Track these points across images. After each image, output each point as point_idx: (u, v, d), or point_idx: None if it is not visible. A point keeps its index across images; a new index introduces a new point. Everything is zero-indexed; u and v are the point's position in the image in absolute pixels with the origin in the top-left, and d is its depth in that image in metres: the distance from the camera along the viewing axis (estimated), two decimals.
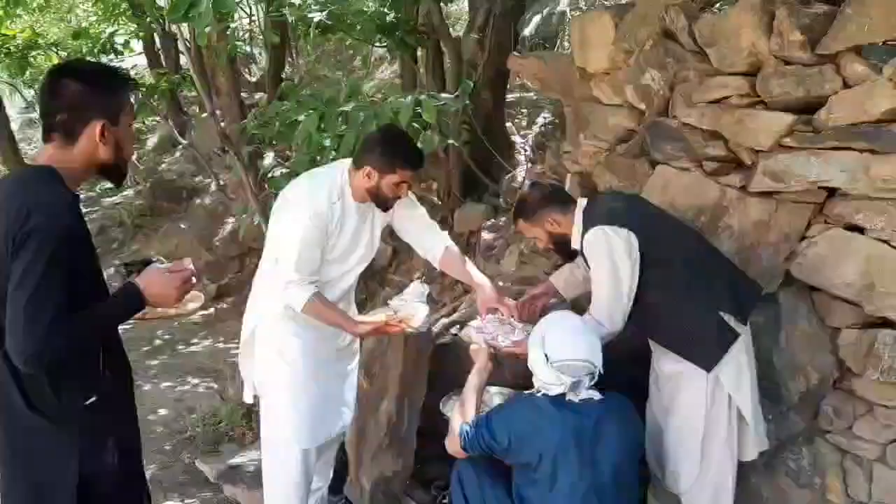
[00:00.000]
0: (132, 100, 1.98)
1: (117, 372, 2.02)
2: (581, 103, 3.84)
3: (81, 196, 10.14)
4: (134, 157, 10.28)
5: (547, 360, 2.41)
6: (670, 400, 2.76)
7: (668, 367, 2.74)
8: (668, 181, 3.23)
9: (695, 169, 3.16)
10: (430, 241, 3.06)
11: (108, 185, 2.06)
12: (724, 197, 3.04)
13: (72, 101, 1.84)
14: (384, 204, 2.80)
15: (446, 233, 3.11)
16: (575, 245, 2.75)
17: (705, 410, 2.64)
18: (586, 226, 2.64)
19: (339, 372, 3.07)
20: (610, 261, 2.58)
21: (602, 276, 2.63)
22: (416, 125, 3.93)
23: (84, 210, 9.09)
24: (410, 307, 2.80)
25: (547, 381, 2.41)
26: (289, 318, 2.79)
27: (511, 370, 3.06)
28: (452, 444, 2.53)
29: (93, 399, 1.90)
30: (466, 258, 3.11)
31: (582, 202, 2.75)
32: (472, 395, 2.59)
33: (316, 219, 2.67)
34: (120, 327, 2.03)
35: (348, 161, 2.85)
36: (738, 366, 2.63)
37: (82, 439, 1.89)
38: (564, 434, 2.31)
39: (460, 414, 2.54)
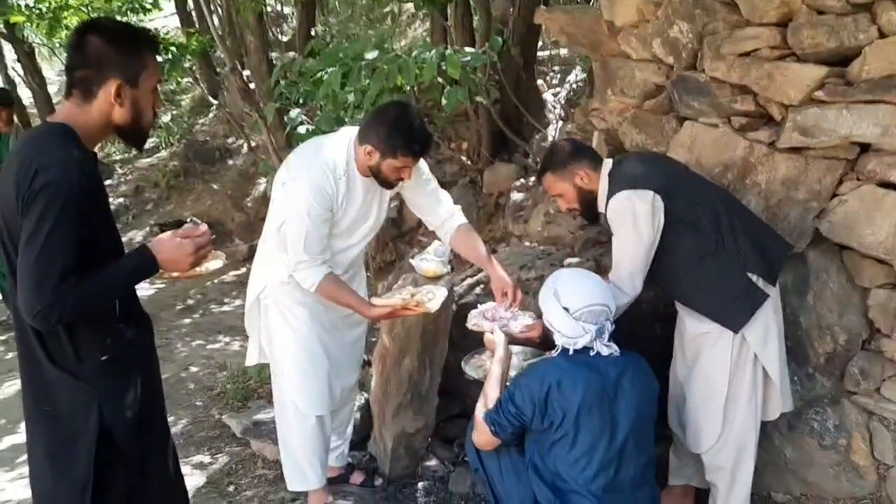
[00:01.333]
0: (157, 63, 1.93)
1: (136, 327, 2.03)
2: (609, 59, 3.74)
3: (117, 157, 10.27)
4: (168, 119, 10.37)
5: (567, 312, 2.37)
6: (694, 360, 2.73)
7: (694, 328, 2.70)
8: (695, 137, 3.15)
9: (723, 125, 3.07)
10: (441, 216, 2.94)
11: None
12: (752, 153, 2.96)
13: (92, 58, 1.82)
14: (385, 184, 2.71)
15: (458, 207, 3.00)
16: (601, 208, 2.70)
17: (730, 370, 2.62)
18: (612, 189, 2.60)
19: (348, 339, 3.06)
20: (634, 228, 2.54)
21: (625, 243, 2.59)
22: (441, 81, 3.87)
23: (119, 171, 9.20)
24: (429, 289, 2.76)
25: (571, 334, 2.37)
26: (294, 286, 2.76)
27: None
28: (481, 436, 2.45)
29: (110, 354, 1.92)
30: (479, 239, 2.99)
31: (608, 164, 2.70)
32: (494, 386, 2.49)
33: (320, 197, 2.59)
34: (150, 287, 2.03)
35: (355, 131, 2.73)
36: (765, 325, 2.59)
37: (102, 393, 1.90)
38: (586, 392, 2.28)
39: (483, 405, 2.46)
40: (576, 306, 2.35)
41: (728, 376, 2.63)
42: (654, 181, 2.56)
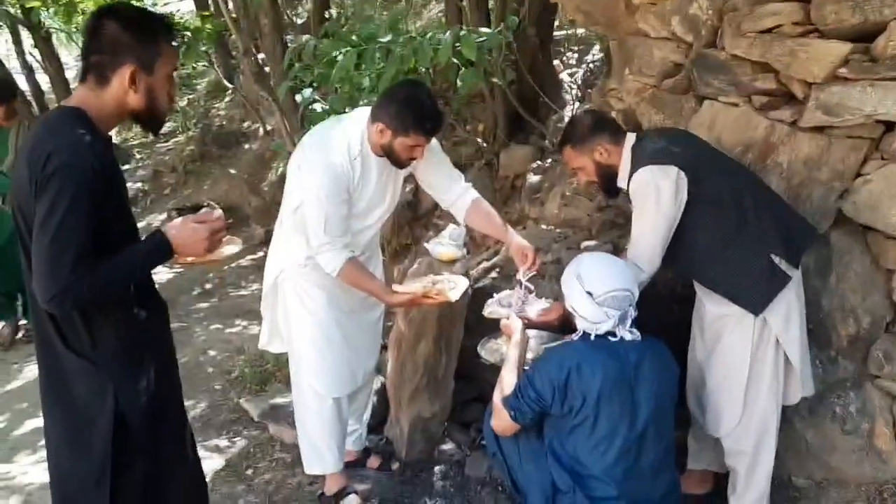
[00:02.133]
0: (173, 50, 1.92)
1: (151, 312, 2.03)
2: (626, 37, 3.67)
3: (134, 142, 10.29)
4: (184, 103, 10.37)
5: (591, 297, 2.33)
6: (714, 342, 2.69)
7: (714, 310, 2.66)
8: (714, 117, 3.09)
9: (743, 104, 3.01)
10: (455, 193, 2.92)
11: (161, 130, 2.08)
12: (773, 133, 2.89)
13: (108, 43, 1.82)
14: (397, 163, 2.69)
15: (470, 185, 2.98)
16: (621, 183, 2.66)
17: (751, 353, 2.58)
18: (634, 164, 2.55)
19: (366, 320, 3.06)
20: (656, 204, 2.50)
21: (646, 219, 2.55)
22: (456, 62, 3.82)
23: (137, 156, 9.22)
24: (450, 278, 2.74)
25: (594, 319, 2.34)
26: (311, 268, 2.76)
27: None
28: (501, 421, 2.42)
29: (125, 340, 1.92)
30: (494, 210, 2.97)
31: (631, 138, 2.64)
32: (512, 370, 2.47)
33: (337, 179, 2.58)
34: (168, 271, 2.03)
35: (369, 111, 2.71)
36: (787, 308, 2.54)
37: (117, 379, 1.91)
38: (606, 376, 2.26)
39: (500, 391, 2.44)
40: (599, 291, 2.32)
41: (749, 359, 2.59)
42: (678, 157, 2.51)
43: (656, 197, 2.50)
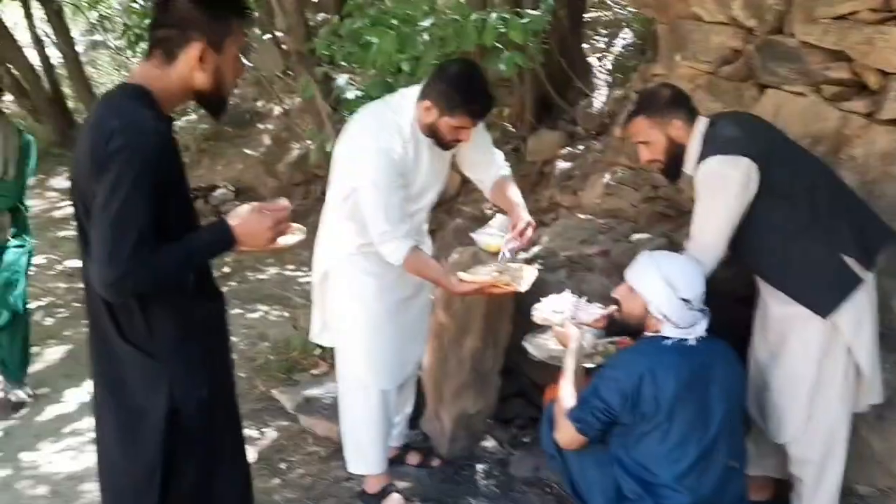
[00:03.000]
0: (242, 28, 1.84)
1: (210, 303, 1.97)
2: (678, 21, 3.53)
3: None
4: None
5: (688, 303, 2.22)
6: (779, 344, 2.56)
7: (779, 310, 2.53)
8: (780, 107, 2.96)
9: (811, 93, 2.88)
10: (487, 171, 2.84)
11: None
12: (846, 125, 2.77)
13: (177, 18, 1.74)
14: (442, 144, 2.58)
15: (507, 165, 2.88)
16: (688, 169, 2.51)
17: (818, 358, 2.45)
18: (705, 151, 2.41)
19: (419, 306, 2.96)
20: (723, 199, 2.37)
21: (712, 211, 2.42)
22: (498, 45, 3.67)
23: None
24: (517, 268, 2.64)
25: (688, 323, 2.24)
26: (362, 256, 2.67)
27: None
28: (564, 436, 2.30)
29: (183, 331, 1.85)
30: (515, 188, 2.86)
31: (702, 122, 2.50)
32: (570, 381, 2.36)
33: (392, 165, 2.49)
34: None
35: (417, 91, 2.60)
36: (858, 312, 2.41)
37: (173, 369, 1.84)
38: (680, 380, 2.15)
39: (563, 404, 2.32)
40: (693, 295, 2.22)
41: (816, 364, 2.46)
42: (750, 147, 2.37)
43: (724, 188, 2.37)
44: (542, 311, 2.64)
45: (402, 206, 2.53)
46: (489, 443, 3.32)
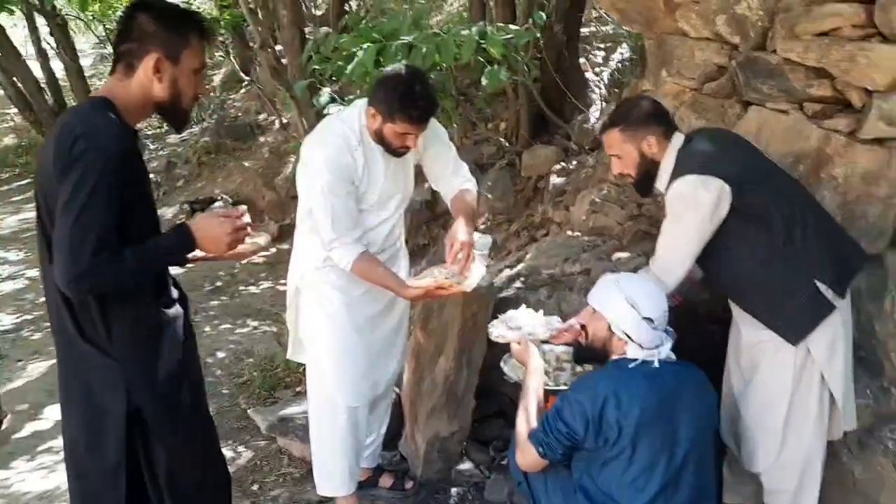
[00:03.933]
0: (201, 46, 1.91)
1: (169, 306, 2.00)
2: (665, 36, 3.46)
3: (149, 132, 10.19)
4: None
5: (651, 322, 2.15)
6: (751, 371, 2.48)
7: (751, 335, 2.45)
8: (762, 124, 2.88)
9: (793, 111, 2.80)
10: (449, 183, 2.79)
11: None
12: (827, 143, 2.68)
13: (136, 33, 1.83)
14: (391, 151, 2.56)
15: (472, 180, 2.82)
16: (660, 185, 2.44)
17: (792, 385, 2.36)
18: (678, 169, 2.34)
19: (392, 324, 2.90)
20: (692, 220, 2.30)
21: (679, 232, 2.35)
22: (481, 59, 3.63)
23: (151, 147, 9.13)
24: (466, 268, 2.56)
25: (652, 344, 2.17)
26: (329, 270, 2.65)
27: None
28: (526, 458, 2.23)
29: (141, 332, 1.90)
30: (470, 200, 2.76)
31: (678, 138, 2.42)
32: (532, 401, 2.30)
33: (338, 171, 2.49)
34: (182, 266, 2.05)
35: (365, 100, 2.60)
36: (831, 339, 2.33)
37: (130, 371, 1.89)
38: (645, 405, 2.07)
39: (525, 423, 2.26)
40: (656, 314, 2.16)
41: (789, 391, 2.37)
42: (723, 168, 2.29)
43: (694, 210, 2.29)
44: (498, 328, 2.56)
45: (350, 214, 2.54)
46: (466, 465, 3.24)
